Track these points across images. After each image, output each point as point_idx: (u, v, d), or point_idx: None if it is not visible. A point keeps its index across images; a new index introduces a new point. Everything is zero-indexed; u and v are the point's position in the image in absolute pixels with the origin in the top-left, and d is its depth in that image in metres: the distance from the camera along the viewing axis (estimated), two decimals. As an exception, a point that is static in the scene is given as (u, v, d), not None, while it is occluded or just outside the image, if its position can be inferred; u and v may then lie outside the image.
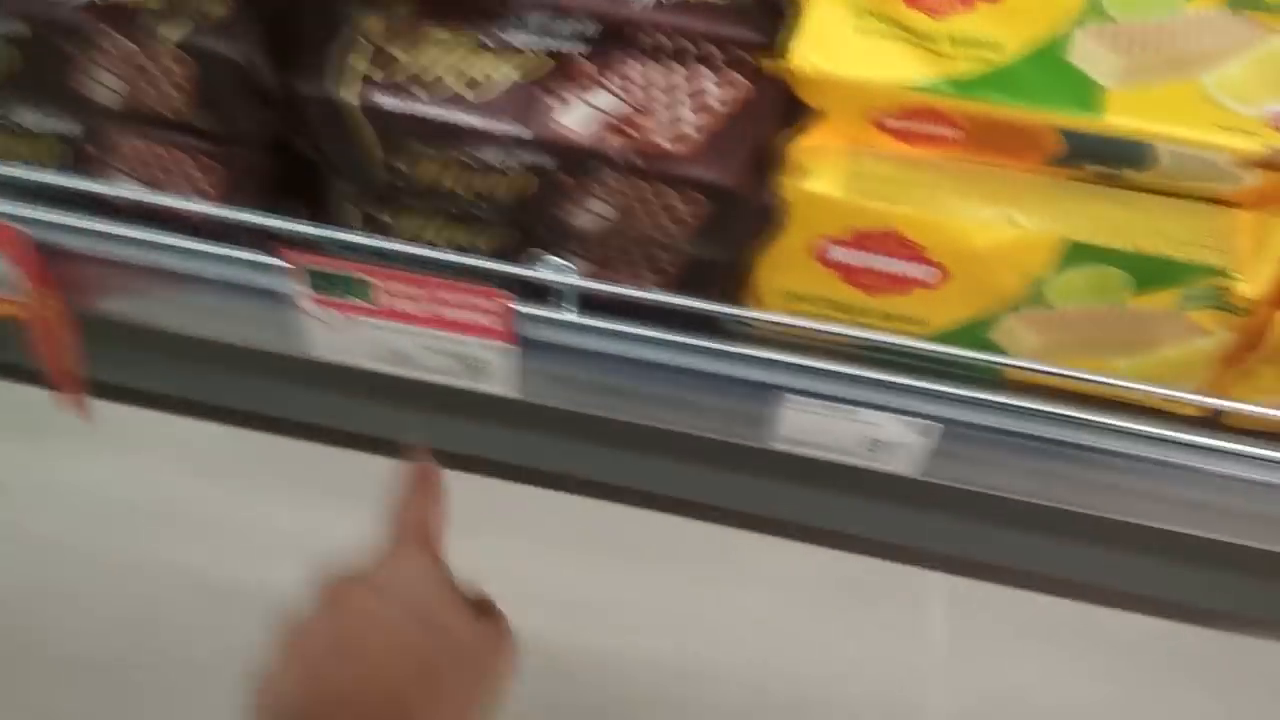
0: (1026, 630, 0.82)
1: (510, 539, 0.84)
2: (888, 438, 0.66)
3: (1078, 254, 0.59)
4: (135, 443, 0.86)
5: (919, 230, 0.60)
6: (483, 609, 0.52)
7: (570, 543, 0.84)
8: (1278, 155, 0.58)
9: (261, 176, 0.67)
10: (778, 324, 0.65)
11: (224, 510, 0.85)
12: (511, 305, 0.63)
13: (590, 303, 0.66)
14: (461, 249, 0.66)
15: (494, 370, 0.69)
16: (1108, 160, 0.59)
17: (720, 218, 0.56)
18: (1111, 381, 0.61)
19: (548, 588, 0.81)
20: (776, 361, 0.65)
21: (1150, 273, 0.59)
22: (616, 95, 0.56)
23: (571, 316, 0.65)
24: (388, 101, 0.57)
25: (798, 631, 0.83)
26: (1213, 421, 0.66)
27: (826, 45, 0.58)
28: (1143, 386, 0.61)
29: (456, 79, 0.56)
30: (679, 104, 0.55)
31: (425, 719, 0.44)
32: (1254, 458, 0.62)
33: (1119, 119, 0.57)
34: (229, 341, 0.70)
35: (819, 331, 0.64)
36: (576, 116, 0.55)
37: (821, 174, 0.60)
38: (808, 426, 0.67)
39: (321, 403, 0.83)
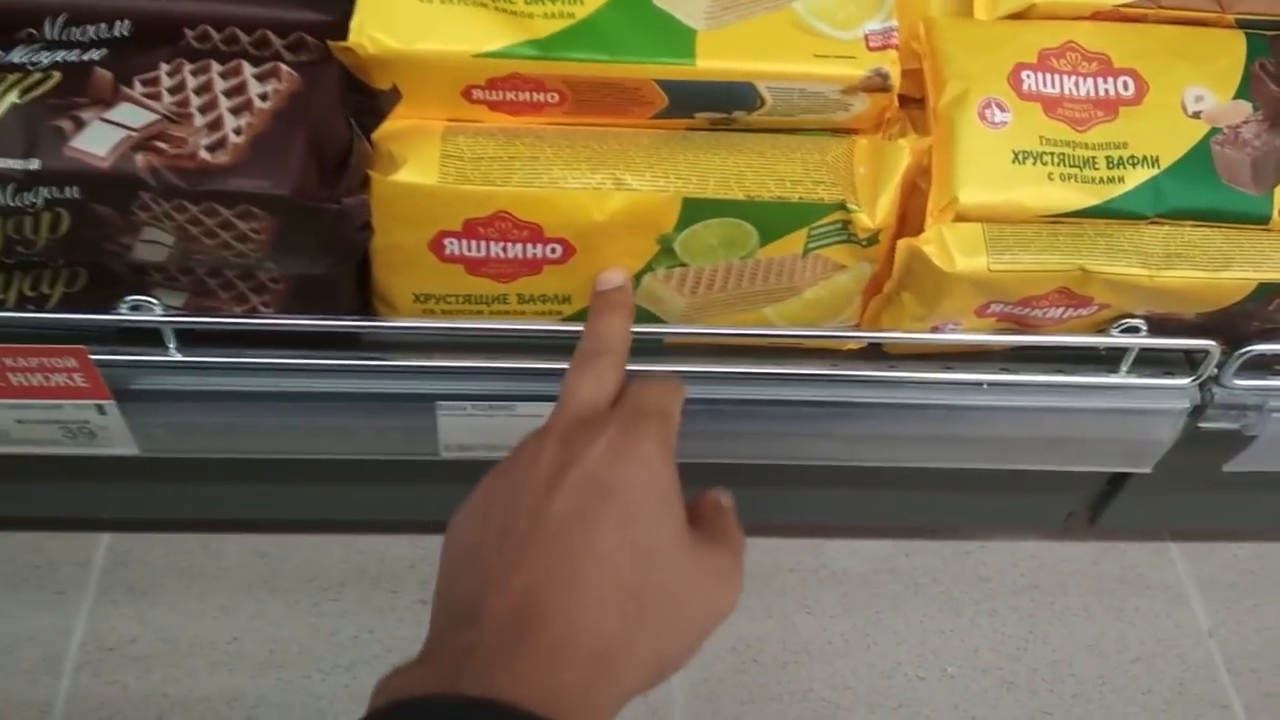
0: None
1: (207, 597, 0.76)
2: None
3: (695, 210, 0.55)
4: None
5: (529, 209, 0.55)
6: (712, 535, 0.42)
7: (278, 587, 0.77)
8: (879, 78, 0.56)
9: None
10: (400, 329, 0.59)
11: None
12: (91, 357, 0.55)
13: (197, 338, 0.58)
14: (31, 300, 0.57)
15: (103, 431, 0.60)
16: (714, 106, 0.56)
17: (290, 228, 0.49)
18: (750, 332, 0.59)
19: (280, 638, 0.74)
20: (418, 369, 0.60)
21: (771, 218, 0.56)
22: (142, 106, 0.48)
23: (172, 357, 0.57)
24: None
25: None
26: (876, 353, 0.65)
27: (389, 18, 0.52)
28: (779, 332, 0.59)
29: (-57, 111, 0.47)
30: (217, 107, 0.48)
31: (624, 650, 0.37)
32: (909, 382, 0.62)
33: (712, 62, 0.54)
34: None
35: (447, 331, 0.59)
36: (95, 138, 0.47)
37: (412, 162, 0.54)
38: (469, 430, 0.62)
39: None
